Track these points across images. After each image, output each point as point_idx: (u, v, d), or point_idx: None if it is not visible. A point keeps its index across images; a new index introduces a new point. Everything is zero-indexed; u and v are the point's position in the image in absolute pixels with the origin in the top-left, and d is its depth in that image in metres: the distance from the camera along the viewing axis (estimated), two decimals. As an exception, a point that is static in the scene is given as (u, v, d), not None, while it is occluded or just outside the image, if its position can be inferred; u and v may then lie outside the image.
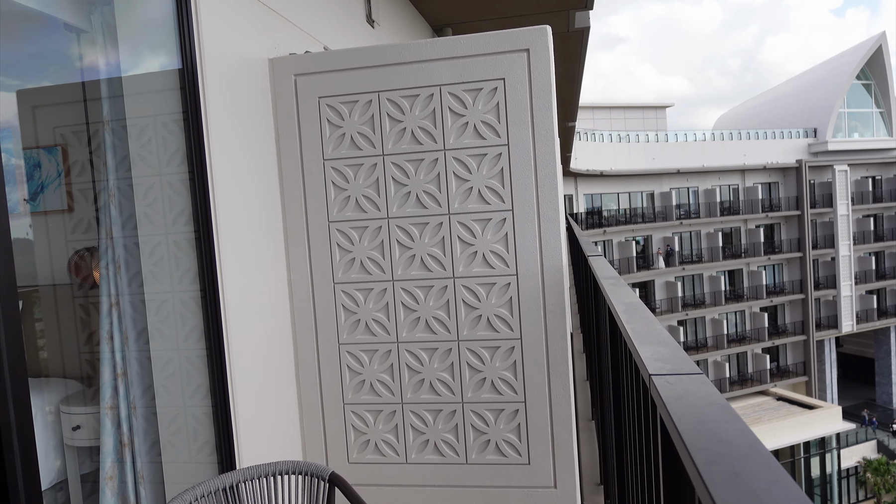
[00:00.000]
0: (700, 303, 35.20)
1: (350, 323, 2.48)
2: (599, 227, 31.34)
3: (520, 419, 2.43)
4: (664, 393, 0.99)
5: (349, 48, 2.52)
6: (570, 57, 6.81)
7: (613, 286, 2.28)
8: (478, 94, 2.39)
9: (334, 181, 2.46)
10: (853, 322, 38.66)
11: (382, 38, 3.79)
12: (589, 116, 36.30)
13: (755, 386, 35.64)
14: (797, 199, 37.43)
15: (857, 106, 40.55)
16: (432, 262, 2.43)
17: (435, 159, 2.42)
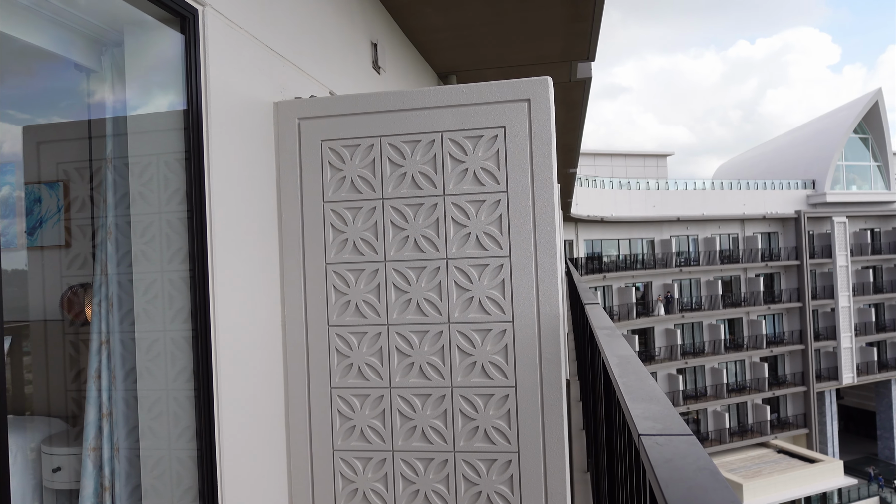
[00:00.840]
0: (700, 351, 34.94)
1: (343, 366, 2.45)
2: (599, 273, 31.35)
3: (512, 470, 2.38)
4: (653, 455, 0.98)
5: (353, 94, 2.56)
6: (572, 105, 6.93)
7: (608, 337, 2.27)
8: (478, 142, 2.43)
9: (333, 223, 2.47)
10: (853, 374, 38.28)
11: (388, 84, 3.87)
12: (591, 163, 36.72)
13: (755, 437, 35.07)
14: (797, 250, 37.53)
15: (854, 159, 41.05)
16: (428, 307, 2.43)
17: (434, 204, 2.44)
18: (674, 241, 34.64)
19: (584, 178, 32.11)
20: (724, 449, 33.99)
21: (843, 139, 39.66)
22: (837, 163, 39.76)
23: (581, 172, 32.80)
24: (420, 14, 4.05)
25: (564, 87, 6.08)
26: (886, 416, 41.32)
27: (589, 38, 4.81)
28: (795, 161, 41.57)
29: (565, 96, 6.40)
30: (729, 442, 34.12)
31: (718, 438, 34.10)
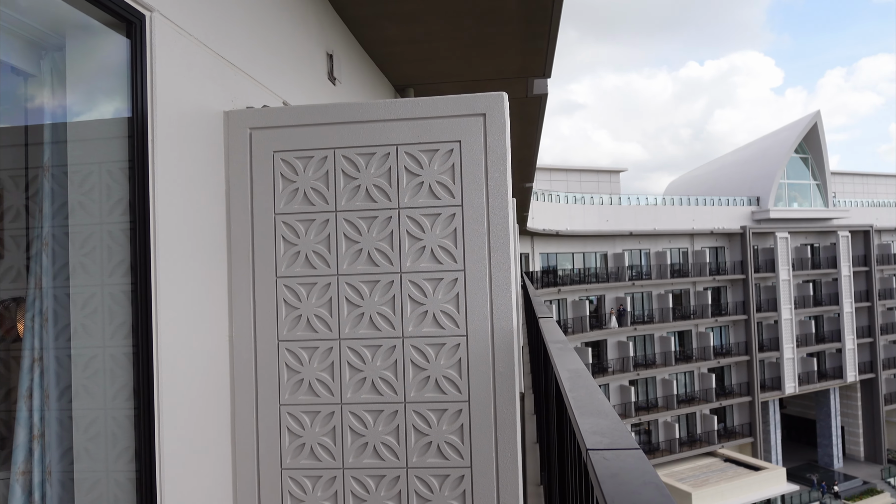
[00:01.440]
0: (651, 363, 35.70)
1: (293, 382, 2.40)
2: (554, 286, 31.76)
3: (465, 486, 2.37)
4: (600, 470, 0.98)
5: (308, 105, 2.53)
6: (529, 121, 7.02)
7: (560, 351, 2.29)
8: (434, 155, 2.42)
9: (284, 236, 2.42)
10: (795, 384, 39.72)
11: (343, 96, 3.84)
12: (546, 178, 37.29)
13: (704, 447, 35.94)
14: (742, 264, 38.87)
15: (796, 177, 42.88)
16: (381, 321, 2.40)
17: (388, 217, 2.42)
18: (626, 254, 35.43)
19: (540, 193, 32.58)
20: (674, 458, 34.70)
21: (785, 158, 41.40)
22: (780, 181, 41.45)
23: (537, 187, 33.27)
24: (377, 26, 4.04)
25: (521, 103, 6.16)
26: (826, 424, 42.96)
27: (545, 55, 4.89)
28: (741, 178, 43.16)
29: (521, 112, 6.48)
30: (679, 451, 34.87)
31: (669, 448, 34.81)
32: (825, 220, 42.95)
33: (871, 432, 43.43)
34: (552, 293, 31.67)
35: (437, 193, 2.42)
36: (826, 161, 42.97)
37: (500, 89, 2.54)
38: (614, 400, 34.00)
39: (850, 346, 41.99)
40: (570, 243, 34.16)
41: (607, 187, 39.98)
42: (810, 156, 43.32)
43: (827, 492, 36.85)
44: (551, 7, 3.85)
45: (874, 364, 43.11)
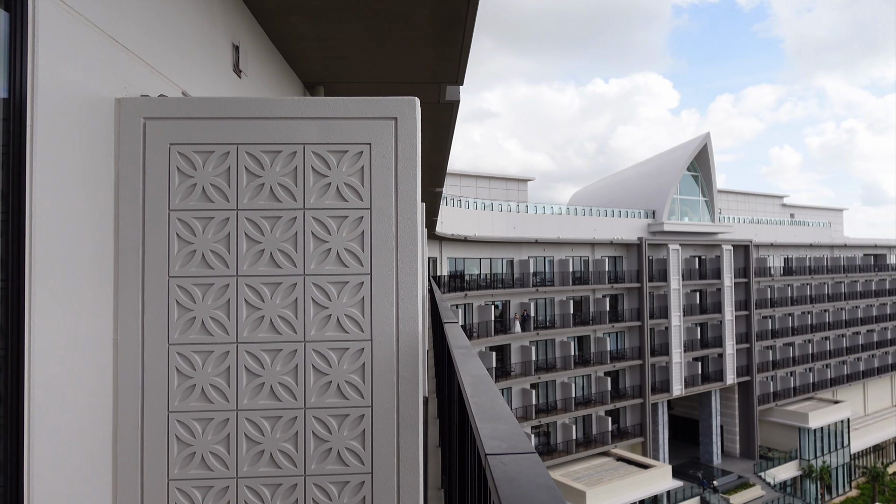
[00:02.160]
0: (552, 366, 36.91)
1: (184, 388, 2.27)
2: (461, 291, 32.16)
3: (365, 492, 2.33)
4: (497, 475, 1.00)
5: (210, 97, 2.41)
6: (440, 127, 7.07)
7: (464, 356, 2.31)
8: (343, 157, 2.38)
9: (179, 233, 2.29)
10: (682, 386, 42.39)
11: (249, 90, 3.70)
12: (457, 183, 37.75)
13: (598, 447, 37.56)
14: (638, 273, 41.04)
15: (687, 193, 45.87)
16: (282, 325, 2.32)
17: (293, 218, 2.35)
18: (531, 261, 36.51)
19: (450, 198, 32.94)
20: (570, 459, 36.05)
21: (678, 175, 44.19)
22: (673, 196, 44.20)
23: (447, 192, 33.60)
24: (286, 21, 3.93)
25: (433, 108, 6.19)
26: (707, 423, 46.14)
27: (458, 62, 4.94)
28: (639, 192, 45.63)
29: (433, 117, 6.51)
30: (575, 452, 36.26)
31: (566, 449, 36.12)
32: (712, 234, 46.22)
33: (746, 431, 47.09)
34: (459, 298, 32.07)
35: (344, 195, 2.37)
36: (714, 179, 46.29)
37: (413, 93, 2.54)
38: (516, 403, 34.88)
39: (730, 350, 45.36)
40: (478, 249, 34.76)
41: (515, 195, 41.04)
42: (700, 174, 46.49)
43: (707, 487, 39.55)
44: (465, 14, 3.89)
45: (750, 368, 46.79)
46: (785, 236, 53.42)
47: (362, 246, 2.37)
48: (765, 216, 56.22)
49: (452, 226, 31.65)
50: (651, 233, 43.15)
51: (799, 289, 51.98)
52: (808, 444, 46.02)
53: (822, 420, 46.59)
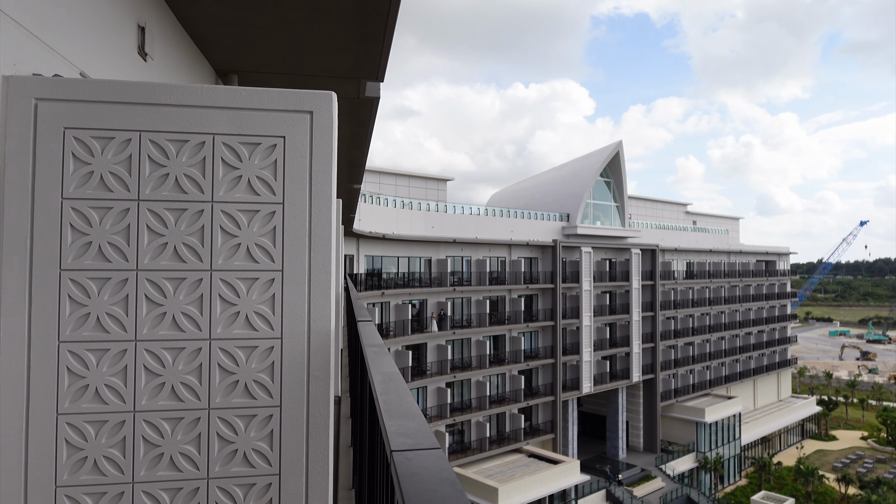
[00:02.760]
0: (468, 365, 37.39)
1: (76, 388, 2.13)
2: (378, 289, 31.98)
3: (272, 494, 2.27)
4: (401, 470, 1.00)
5: (112, 80, 2.27)
6: (359, 123, 6.99)
7: (376, 355, 2.30)
8: (255, 149, 2.31)
9: (73, 223, 2.15)
10: (591, 384, 44.07)
11: (155, 75, 3.51)
12: (376, 181, 37.52)
13: (511, 444, 38.41)
14: (552, 274, 42.29)
15: (600, 198, 47.71)
16: (186, 322, 2.22)
17: (200, 210, 2.26)
18: (449, 261, 36.82)
19: (369, 195, 32.68)
20: (484, 456, 36.65)
21: (591, 180, 45.89)
22: (587, 200, 45.87)
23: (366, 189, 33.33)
24: (197, 2, 3.77)
25: (352, 104, 6.11)
26: (614, 419, 48.21)
27: (379, 58, 4.90)
28: (555, 196, 47.03)
29: (352, 113, 6.44)
30: (489, 449, 36.91)
31: (480, 447, 36.70)
32: (622, 238, 48.32)
33: (650, 426, 49.56)
34: (376, 296, 31.88)
35: (256, 189, 2.30)
36: (625, 186, 48.41)
37: (332, 88, 2.50)
38: (432, 402, 35.08)
39: (636, 350, 47.58)
40: (396, 247, 34.68)
41: (435, 194, 41.26)
42: (613, 180, 48.50)
43: (613, 480, 41.31)
44: (387, 10, 3.87)
45: (654, 366, 49.29)
46: (688, 242, 56.64)
47: (274, 241, 2.31)
48: (670, 222, 59.40)
49: (371, 223, 31.41)
50: (565, 235, 44.58)
51: (699, 291, 55.27)
52: (704, 438, 49.01)
53: (717, 415, 49.75)
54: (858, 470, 53.97)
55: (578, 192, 45.48)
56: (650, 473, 44.62)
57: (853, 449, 61.56)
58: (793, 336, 68.52)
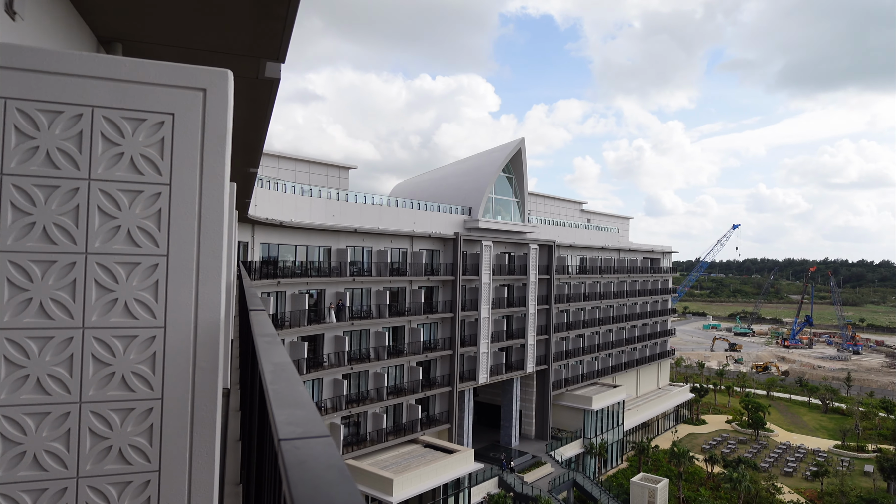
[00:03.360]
0: (366, 357, 37.17)
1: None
2: (274, 278, 31.03)
3: (151, 491, 2.15)
4: (289, 459, 0.99)
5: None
6: (258, 104, 6.73)
7: (268, 344, 2.23)
8: (140, 125, 2.16)
9: (-79, 197, 1.92)
10: (487, 375, 45.20)
11: (25, 37, 3.19)
12: (275, 165, 36.35)
13: (408, 435, 38.67)
14: (453, 267, 42.86)
15: (501, 194, 48.84)
16: (56, 309, 2.05)
17: (75, 188, 2.08)
18: (350, 251, 36.35)
19: (266, 180, 31.60)
20: (380, 448, 36.66)
21: (494, 175, 46.87)
22: (489, 195, 46.82)
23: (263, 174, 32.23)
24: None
25: (250, 84, 5.87)
26: (508, 409, 49.76)
27: (280, 38, 4.72)
28: (458, 189, 47.62)
29: (250, 93, 6.18)
30: (385, 441, 36.96)
31: (376, 438, 36.66)
32: (521, 233, 49.78)
33: (542, 414, 51.61)
34: (271, 285, 30.93)
35: (140, 168, 2.16)
36: (525, 182, 49.86)
37: (228, 66, 2.38)
38: (327, 394, 34.60)
39: (531, 341, 49.31)
40: (294, 235, 33.79)
41: (336, 182, 40.57)
42: (514, 176, 49.79)
43: (506, 467, 42.67)
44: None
45: (547, 357, 51.31)
46: (582, 238, 59.29)
47: (158, 224, 2.18)
48: (567, 219, 61.92)
49: (267, 209, 30.39)
50: (467, 228, 45.30)
51: (591, 286, 58.06)
52: (591, 425, 51.69)
53: (603, 403, 52.62)
54: (723, 451, 59.00)
55: (481, 187, 46.31)
56: (540, 460, 46.49)
57: (719, 432, 67.21)
58: (672, 329, 73.62)
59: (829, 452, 60.32)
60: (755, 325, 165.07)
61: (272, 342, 2.27)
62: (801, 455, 59.51)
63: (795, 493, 48.95)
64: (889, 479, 50.17)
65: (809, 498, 46.88)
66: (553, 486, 43.35)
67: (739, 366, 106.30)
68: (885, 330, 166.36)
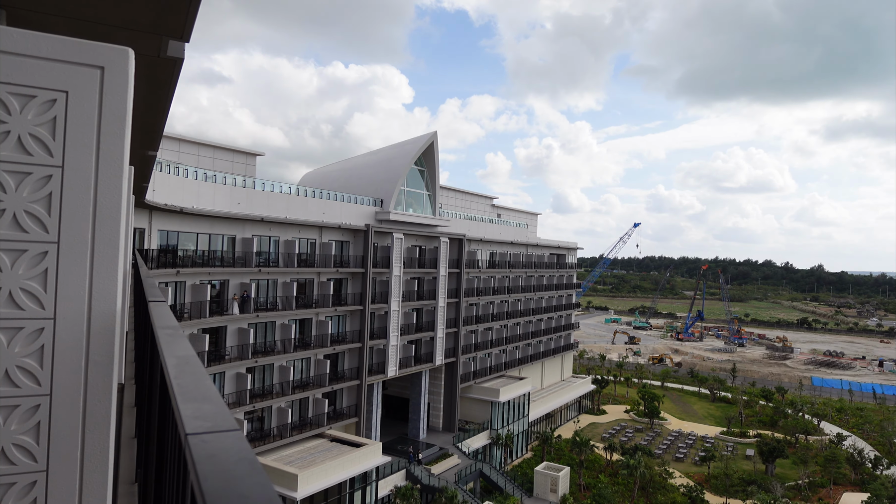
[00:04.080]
0: (271, 350, 36.21)
1: None
2: (173, 267, 29.57)
3: (37, 493, 2.02)
4: (197, 453, 0.97)
5: None
6: (158, 84, 6.38)
7: (170, 337, 2.14)
8: (29, 102, 2.01)
9: None
10: (397, 368, 45.27)
11: None
12: (175, 148, 34.58)
13: (314, 429, 38.08)
14: (363, 259, 42.51)
15: (413, 186, 48.89)
16: (-72, 298, 1.88)
17: (-49, 167, 1.92)
18: (255, 240, 35.20)
19: (166, 164, 30.02)
20: (285, 443, 35.88)
21: (406, 168, 46.85)
22: (401, 187, 46.75)
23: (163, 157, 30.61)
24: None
25: (150, 62, 5.55)
26: (416, 401, 50.09)
27: (185, 15, 4.49)
28: (370, 180, 47.24)
29: (150, 73, 5.85)
30: (290, 436, 36.20)
31: (280, 433, 35.84)
32: (432, 226, 50.08)
33: (450, 406, 52.31)
34: (170, 275, 29.46)
35: (28, 148, 2.01)
36: (438, 176, 50.18)
37: (128, 43, 2.26)
38: (230, 388, 33.44)
39: (440, 334, 49.81)
40: (196, 223, 32.32)
41: (242, 169, 39.14)
42: (426, 169, 49.98)
43: (413, 460, 42.95)
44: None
45: (456, 350, 52.03)
46: (492, 233, 60.48)
47: (49, 209, 2.04)
48: (478, 214, 62.90)
49: (167, 195, 28.88)
50: (378, 220, 45.05)
51: (500, 280, 59.39)
52: (498, 416, 52.98)
53: (510, 395, 54.06)
54: (621, 439, 62.28)
55: (393, 178, 46.17)
56: (448, 451, 47.15)
57: (618, 421, 70.86)
58: (576, 323, 76.70)
59: (715, 438, 65.01)
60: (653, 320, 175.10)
61: (174, 335, 2.18)
62: (691, 441, 63.80)
63: (685, 477, 52.44)
64: (767, 462, 54.76)
65: (697, 481, 50.37)
66: (460, 477, 44.11)
67: (638, 358, 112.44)
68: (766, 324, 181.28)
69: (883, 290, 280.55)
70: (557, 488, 46.40)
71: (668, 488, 49.24)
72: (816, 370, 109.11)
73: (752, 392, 80.00)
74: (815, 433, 65.67)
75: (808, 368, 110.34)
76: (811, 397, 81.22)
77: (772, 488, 47.06)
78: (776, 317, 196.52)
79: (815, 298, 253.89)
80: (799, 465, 54.17)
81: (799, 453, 56.11)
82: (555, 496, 46.24)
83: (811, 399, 78.60)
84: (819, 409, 72.98)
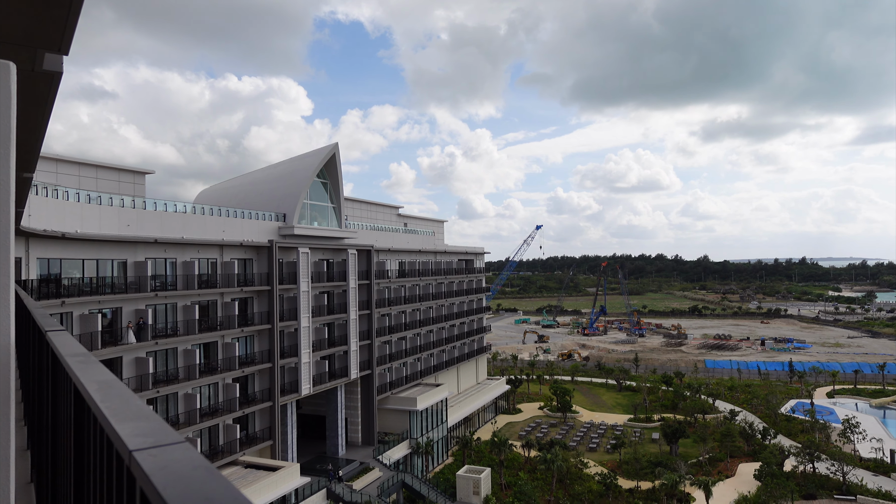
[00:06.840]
0: (174, 378, 34.32)
1: None
2: (57, 298, 27.35)
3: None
4: (147, 466, 0.91)
5: None
6: (34, 101, 5.89)
7: (83, 364, 1.97)
8: None
9: None
10: (310, 385, 44.16)
11: None
12: (52, 169, 32.12)
13: (226, 457, 36.40)
14: (268, 276, 41.20)
15: (317, 199, 48.06)
16: None
17: None
18: (150, 263, 33.26)
19: (42, 186, 27.80)
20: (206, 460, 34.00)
21: (308, 181, 45.96)
22: (304, 201, 45.79)
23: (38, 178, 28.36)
24: None
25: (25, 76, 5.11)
26: (333, 418, 49.08)
27: (64, 26, 4.18)
28: (271, 195, 45.93)
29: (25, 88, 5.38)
30: (201, 466, 34.36)
31: (191, 464, 33.95)
32: (339, 238, 49.39)
33: (368, 420, 51.65)
34: (54, 306, 27.23)
35: None
36: (341, 188, 49.57)
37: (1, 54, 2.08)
38: (132, 422, 31.30)
39: (354, 347, 49.13)
40: (81, 248, 30.10)
41: (130, 189, 36.89)
42: (329, 181, 49.26)
43: (333, 478, 42.00)
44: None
45: (371, 362, 51.50)
46: (400, 243, 60.47)
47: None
48: (384, 224, 62.72)
49: (46, 219, 26.71)
50: (282, 235, 43.88)
51: (410, 289, 59.45)
52: (417, 425, 52.90)
53: (427, 402, 54.14)
54: (537, 435, 63.92)
55: (295, 192, 45.16)
56: (369, 465, 46.51)
57: (533, 418, 72.73)
58: (487, 326, 78.06)
59: (624, 426, 68.17)
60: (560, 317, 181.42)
61: (87, 360, 2.00)
62: (602, 431, 66.53)
63: (599, 465, 54.59)
64: (671, 443, 58.04)
65: (610, 468, 52.56)
66: (382, 490, 43.61)
67: (548, 355, 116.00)
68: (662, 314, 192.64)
69: (760, 276, 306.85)
70: (480, 490, 46.91)
71: (584, 478, 51.05)
72: (708, 353, 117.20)
73: (653, 379, 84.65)
74: (711, 412, 70.35)
75: (701, 352, 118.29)
76: (706, 379, 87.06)
77: (677, 467, 49.89)
78: (670, 306, 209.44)
79: (703, 287, 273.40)
80: (699, 443, 57.80)
81: (698, 432, 59.85)
82: (478, 498, 46.72)
83: (706, 380, 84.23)
84: (713, 389, 78.33)
